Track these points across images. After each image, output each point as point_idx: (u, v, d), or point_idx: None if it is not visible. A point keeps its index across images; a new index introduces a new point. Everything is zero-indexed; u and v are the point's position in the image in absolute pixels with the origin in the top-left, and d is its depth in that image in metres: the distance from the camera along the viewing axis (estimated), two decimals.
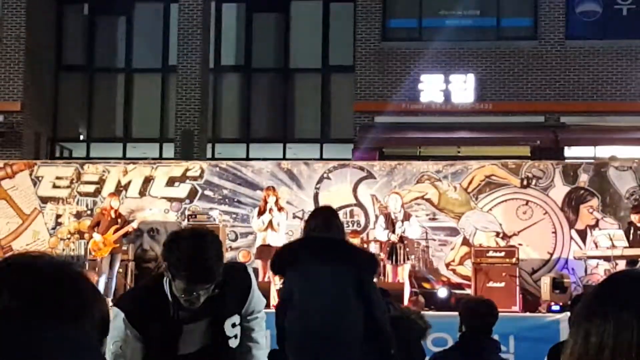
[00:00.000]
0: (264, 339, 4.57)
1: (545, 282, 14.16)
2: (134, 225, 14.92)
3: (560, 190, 15.79)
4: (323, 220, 6.13)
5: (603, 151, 21.68)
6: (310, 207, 15.99)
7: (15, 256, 1.45)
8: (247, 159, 22.74)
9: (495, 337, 6.51)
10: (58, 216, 16.58)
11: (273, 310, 12.47)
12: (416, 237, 14.52)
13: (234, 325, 4.32)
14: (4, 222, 16.61)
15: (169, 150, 23.93)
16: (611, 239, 13.96)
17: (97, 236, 14.43)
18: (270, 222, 13.82)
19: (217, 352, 4.25)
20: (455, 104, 22.73)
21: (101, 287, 13.84)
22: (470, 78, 22.75)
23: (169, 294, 4.11)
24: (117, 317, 4.01)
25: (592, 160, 18.07)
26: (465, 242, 15.69)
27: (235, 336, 4.32)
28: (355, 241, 14.88)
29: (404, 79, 23.03)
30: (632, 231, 14.11)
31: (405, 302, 13.29)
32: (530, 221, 15.71)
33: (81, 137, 25.71)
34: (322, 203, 16.09)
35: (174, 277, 4.03)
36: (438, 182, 16.02)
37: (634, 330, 1.48)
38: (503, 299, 12.62)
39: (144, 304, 4.12)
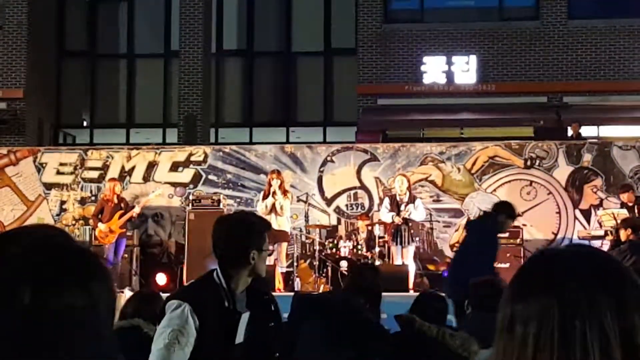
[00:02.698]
0: None
1: None
2: (137, 210, 14.90)
3: (564, 170, 15.78)
4: None
5: (606, 131, 21.67)
6: (315, 191, 16.02)
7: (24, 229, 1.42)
8: (251, 143, 22.74)
9: None
10: (62, 202, 16.60)
11: (278, 293, 12.50)
12: (421, 219, 14.53)
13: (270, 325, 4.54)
14: (9, 208, 16.63)
15: (172, 135, 23.94)
16: (615, 218, 13.96)
17: (101, 225, 14.43)
18: (274, 206, 13.82)
19: (260, 344, 4.44)
20: (458, 85, 22.70)
21: None
22: (473, 59, 22.71)
23: (225, 286, 4.34)
24: (180, 308, 4.19)
25: (596, 140, 18.04)
26: None
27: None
28: (360, 224, 14.92)
29: (407, 61, 23.00)
30: (637, 209, 14.13)
31: (411, 284, 13.33)
32: (534, 201, 15.71)
33: (84, 124, 25.71)
34: (326, 186, 16.11)
35: (263, 230, 4.50)
36: (442, 163, 16.02)
37: (555, 316, 1.39)
38: (507, 279, 12.59)
39: (203, 296, 4.32)
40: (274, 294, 5.17)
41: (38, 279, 1.28)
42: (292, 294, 9.42)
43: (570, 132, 19.42)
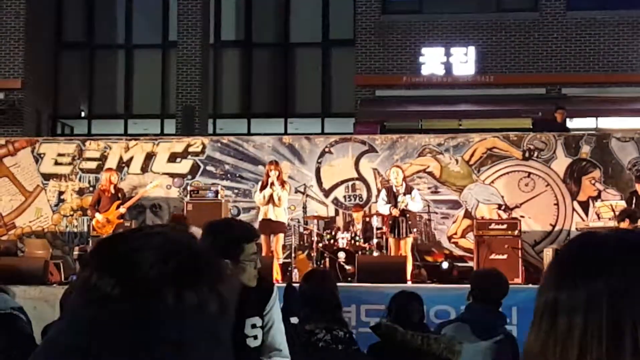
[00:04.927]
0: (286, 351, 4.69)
1: (548, 254, 14.17)
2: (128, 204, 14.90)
3: (562, 162, 15.77)
4: None
5: (605, 122, 21.68)
6: (312, 182, 16.01)
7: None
8: (249, 134, 22.73)
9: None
10: (61, 193, 16.59)
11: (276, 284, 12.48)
12: (419, 210, 14.52)
13: (253, 326, 4.47)
14: (7, 199, 16.62)
15: (170, 126, 23.92)
16: (613, 210, 13.96)
17: (98, 216, 14.43)
18: (272, 197, 13.80)
19: (234, 349, 4.37)
20: (457, 76, 22.68)
21: None
22: (471, 50, 22.69)
23: None
24: None
25: (594, 132, 18.04)
26: (468, 214, 15.69)
27: (255, 337, 4.49)
28: (358, 215, 14.92)
29: (405, 52, 22.98)
30: (634, 201, 14.09)
31: (408, 275, 13.34)
32: (532, 193, 15.71)
33: (82, 114, 25.69)
34: (324, 177, 16.10)
35: (241, 242, 4.37)
36: (440, 155, 16.01)
37: (603, 306, 1.31)
38: (505, 271, 12.53)
39: None
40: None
41: (179, 281, 1.29)
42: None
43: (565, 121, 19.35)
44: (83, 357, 1.21)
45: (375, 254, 14.13)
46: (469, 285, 6.62)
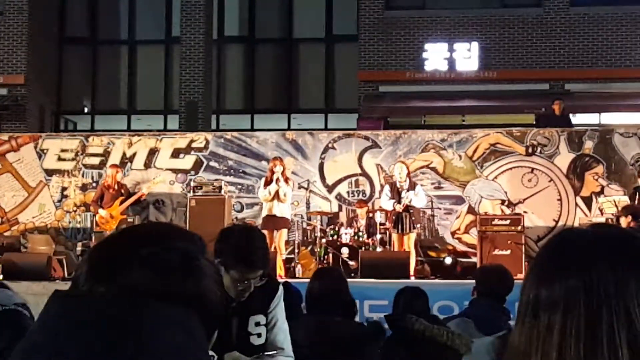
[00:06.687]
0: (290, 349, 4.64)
1: None
2: (145, 190, 14.96)
3: (565, 158, 15.77)
4: None
5: (608, 118, 21.65)
6: (316, 178, 16.01)
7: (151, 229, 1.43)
8: (252, 129, 22.73)
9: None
10: (64, 189, 16.60)
11: (279, 279, 12.49)
12: (422, 206, 14.51)
13: (257, 324, 4.44)
14: (10, 195, 16.63)
15: (173, 121, 23.93)
16: (616, 206, 13.95)
17: (102, 212, 14.44)
18: (277, 193, 13.80)
19: (238, 346, 4.39)
20: (460, 72, 22.66)
21: None
22: (475, 46, 22.67)
23: None
24: None
25: (597, 127, 18.02)
26: (471, 210, 15.69)
27: (259, 335, 4.45)
28: (362, 211, 14.92)
29: (408, 48, 22.95)
30: (637, 196, 14.08)
31: (412, 271, 13.34)
32: (535, 189, 15.70)
33: (85, 110, 25.70)
34: (327, 173, 16.10)
35: (229, 267, 4.22)
36: (443, 150, 16.00)
37: (580, 303, 1.29)
38: (509, 266, 12.53)
39: None
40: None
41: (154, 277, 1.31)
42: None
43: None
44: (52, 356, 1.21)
45: (378, 249, 14.13)
46: (472, 281, 6.62)
